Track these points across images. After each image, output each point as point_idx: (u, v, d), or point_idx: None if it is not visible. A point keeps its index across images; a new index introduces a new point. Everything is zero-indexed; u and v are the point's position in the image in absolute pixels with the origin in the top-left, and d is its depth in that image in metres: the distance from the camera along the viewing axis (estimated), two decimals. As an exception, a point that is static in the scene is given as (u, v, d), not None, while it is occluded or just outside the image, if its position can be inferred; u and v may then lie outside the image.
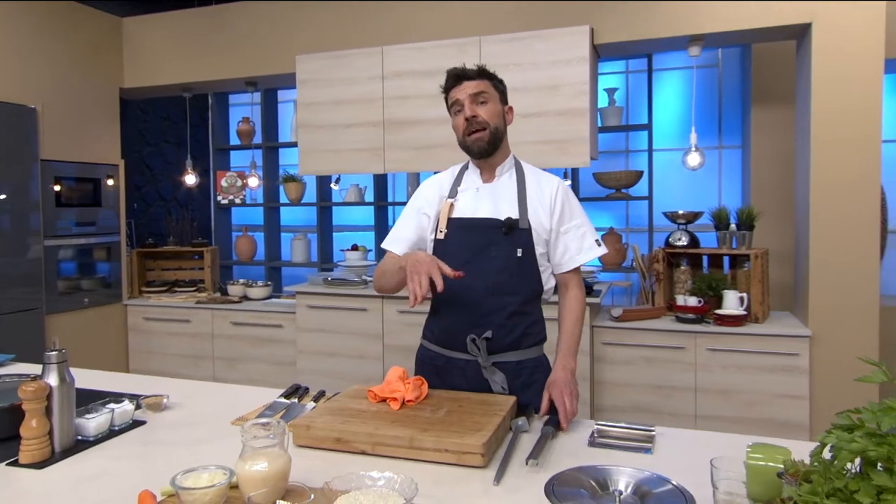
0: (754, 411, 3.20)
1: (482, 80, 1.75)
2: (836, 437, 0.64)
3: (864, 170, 3.04)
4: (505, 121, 1.80)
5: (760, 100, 4.04)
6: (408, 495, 1.07)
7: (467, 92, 1.73)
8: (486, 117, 1.73)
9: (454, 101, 1.77)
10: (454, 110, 1.78)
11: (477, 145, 1.75)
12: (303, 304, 3.87)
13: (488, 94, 1.75)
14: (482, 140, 1.74)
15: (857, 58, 3.02)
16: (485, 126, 1.73)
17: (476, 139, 1.74)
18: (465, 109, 1.73)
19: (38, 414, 1.38)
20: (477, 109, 1.73)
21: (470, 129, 1.73)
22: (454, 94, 1.76)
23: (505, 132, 1.81)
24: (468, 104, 1.73)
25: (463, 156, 1.83)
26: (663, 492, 1.19)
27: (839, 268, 3.12)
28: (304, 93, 3.88)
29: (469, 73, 1.75)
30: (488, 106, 1.74)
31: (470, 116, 1.72)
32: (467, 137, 1.75)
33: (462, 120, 1.74)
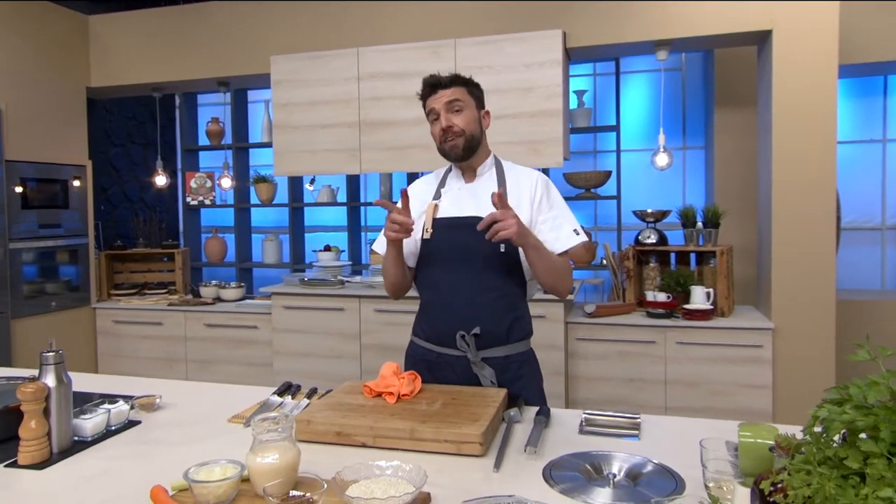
0: (721, 401, 3.33)
1: (457, 88, 1.79)
2: (827, 410, 0.72)
3: (822, 170, 3.20)
4: (482, 125, 1.85)
5: (723, 103, 4.20)
6: (417, 483, 1.11)
7: (442, 101, 1.77)
8: (461, 125, 1.78)
9: (430, 110, 1.81)
10: (430, 118, 1.83)
11: (453, 152, 1.81)
12: (279, 304, 3.87)
13: (463, 101, 1.79)
14: (457, 147, 1.80)
15: (813, 64, 3.17)
16: (460, 133, 1.78)
17: (452, 146, 1.80)
18: (440, 119, 1.78)
19: (37, 415, 1.38)
20: (452, 118, 1.78)
21: (446, 137, 1.78)
22: (430, 104, 1.81)
23: (482, 136, 1.86)
24: (443, 113, 1.78)
25: (441, 158, 1.88)
26: (654, 474, 1.27)
27: (799, 264, 3.27)
28: (279, 94, 3.88)
29: (443, 82, 1.79)
30: (463, 113, 1.79)
31: (445, 127, 1.77)
32: (444, 145, 1.81)
33: (438, 129, 1.79)
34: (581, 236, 1.82)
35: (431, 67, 3.59)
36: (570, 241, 1.82)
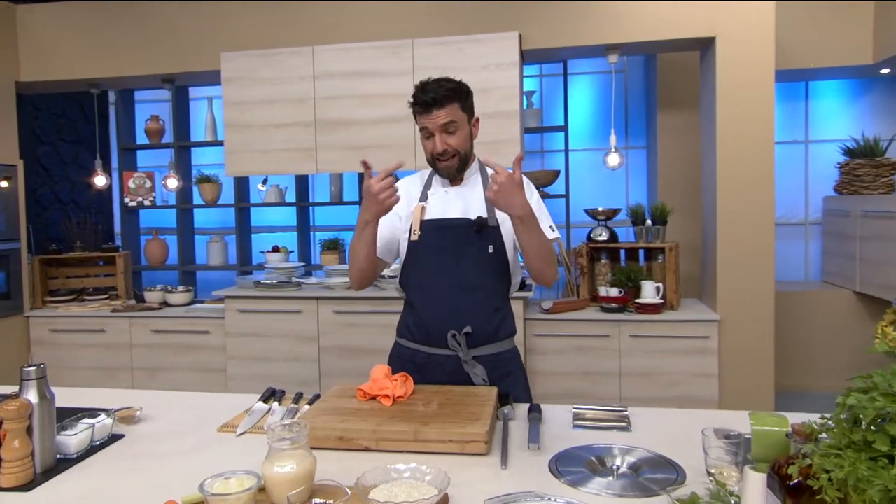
0: (672, 391, 3.49)
1: (451, 107, 1.76)
2: (855, 398, 0.78)
3: (761, 169, 3.40)
4: (472, 138, 1.86)
5: (666, 105, 4.38)
6: (440, 485, 1.13)
7: (437, 123, 1.76)
8: (455, 146, 1.79)
9: (423, 128, 1.80)
10: (424, 134, 1.82)
11: (447, 171, 1.83)
12: (232, 308, 3.76)
13: (457, 121, 1.78)
14: (451, 168, 1.82)
15: (753, 69, 3.37)
16: (455, 154, 1.80)
17: (446, 167, 1.81)
18: (435, 143, 1.78)
19: (20, 434, 1.31)
20: (447, 140, 1.78)
21: (441, 158, 1.80)
22: (423, 122, 1.79)
23: (472, 147, 1.88)
24: (438, 136, 1.77)
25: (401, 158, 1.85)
26: (655, 465, 1.33)
27: (742, 258, 3.46)
28: (230, 91, 3.77)
29: (439, 100, 1.74)
30: (457, 134, 1.79)
31: (441, 151, 1.78)
32: (438, 164, 1.82)
33: (431, 147, 1.80)
34: (556, 233, 1.86)
35: (389, 67, 3.62)
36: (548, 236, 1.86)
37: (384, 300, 3.64)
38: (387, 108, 3.62)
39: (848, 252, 4.43)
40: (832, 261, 4.70)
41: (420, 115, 1.79)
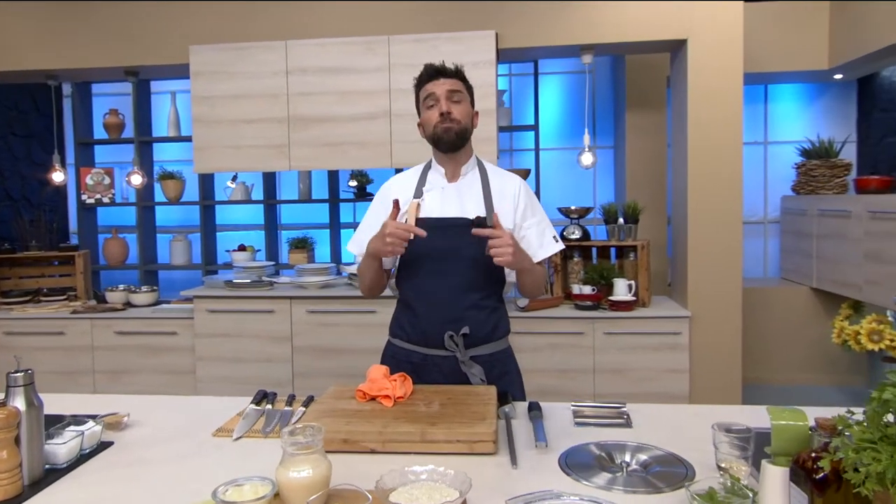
0: (644, 386, 3.55)
1: (458, 81, 1.82)
2: (891, 393, 0.80)
3: (730, 170, 3.49)
4: (472, 122, 1.86)
5: (634, 105, 4.46)
6: (461, 487, 1.11)
7: (444, 88, 1.78)
8: (458, 115, 1.79)
9: (429, 95, 1.80)
10: (427, 104, 1.81)
11: (446, 135, 1.79)
12: (202, 308, 3.66)
13: (462, 94, 1.81)
14: (451, 132, 1.79)
15: (722, 71, 3.46)
16: (458, 122, 1.79)
17: (446, 129, 1.78)
18: (440, 104, 1.78)
19: (8, 444, 1.23)
20: (452, 107, 1.78)
21: (443, 120, 1.78)
22: (430, 88, 1.80)
23: (471, 133, 1.87)
24: (444, 100, 1.78)
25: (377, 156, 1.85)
26: (663, 461, 1.34)
27: (711, 256, 3.55)
28: (199, 86, 3.66)
29: (447, 71, 1.81)
30: (462, 105, 1.80)
31: (445, 112, 1.77)
32: (438, 127, 1.79)
33: (435, 114, 1.79)
34: (560, 243, 1.90)
35: (365, 63, 3.58)
36: (552, 247, 1.89)
37: (359, 300, 3.60)
38: (362, 104, 3.58)
39: (805, 249, 4.59)
40: (790, 258, 4.87)
41: (426, 84, 1.81)
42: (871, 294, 3.84)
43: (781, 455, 1.04)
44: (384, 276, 1.89)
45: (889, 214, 3.63)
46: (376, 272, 1.82)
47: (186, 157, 4.93)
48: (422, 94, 1.83)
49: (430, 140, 1.85)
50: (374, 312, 3.57)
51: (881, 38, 3.86)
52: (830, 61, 4.37)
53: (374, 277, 1.84)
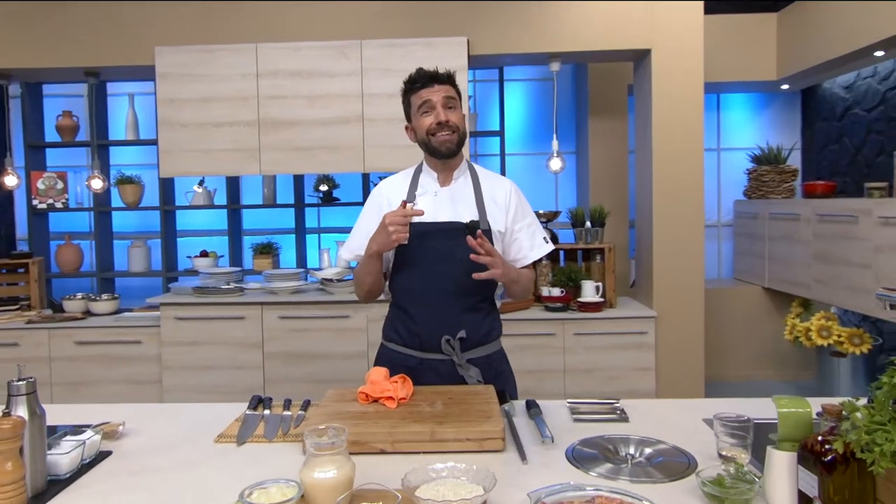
0: (612, 385, 3.65)
1: (451, 87, 1.83)
2: (900, 377, 0.88)
3: (692, 175, 3.64)
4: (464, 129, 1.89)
5: (596, 112, 4.58)
6: (485, 483, 1.14)
7: (440, 95, 1.80)
8: (455, 122, 1.81)
9: (424, 101, 1.81)
10: (422, 110, 1.82)
11: (446, 146, 1.81)
12: (169, 315, 3.57)
13: (456, 101, 1.84)
14: (451, 142, 1.81)
15: (684, 80, 3.60)
16: (455, 129, 1.81)
17: (445, 140, 1.80)
18: (438, 112, 1.79)
19: (13, 455, 1.19)
20: (448, 114, 1.80)
21: (440, 129, 1.80)
22: (425, 95, 1.81)
23: (465, 138, 1.90)
24: (441, 108, 1.80)
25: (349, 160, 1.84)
26: (665, 453, 1.40)
27: (675, 257, 3.69)
28: (165, 88, 3.58)
29: (441, 77, 1.82)
30: (457, 111, 1.83)
31: (444, 121, 1.79)
32: (433, 137, 1.81)
33: (429, 121, 1.80)
34: (550, 245, 1.94)
35: (337, 67, 3.57)
36: (543, 249, 1.93)
37: (332, 304, 3.58)
38: (335, 108, 3.57)
39: (757, 251, 4.81)
40: (743, 259, 5.08)
41: (420, 91, 1.82)
42: (819, 293, 4.05)
43: (786, 441, 1.11)
44: (383, 279, 1.90)
45: (835, 217, 3.84)
46: (377, 274, 1.82)
47: (145, 160, 4.80)
48: (415, 99, 1.84)
49: (423, 146, 1.87)
50: (347, 318, 3.56)
51: (824, 52, 4.09)
52: (779, 72, 4.60)
53: (374, 280, 1.85)
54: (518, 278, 1.84)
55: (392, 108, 3.56)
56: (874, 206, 3.51)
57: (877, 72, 4.32)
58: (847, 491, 0.99)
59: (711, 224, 5.34)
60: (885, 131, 4.24)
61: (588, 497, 1.14)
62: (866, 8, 3.66)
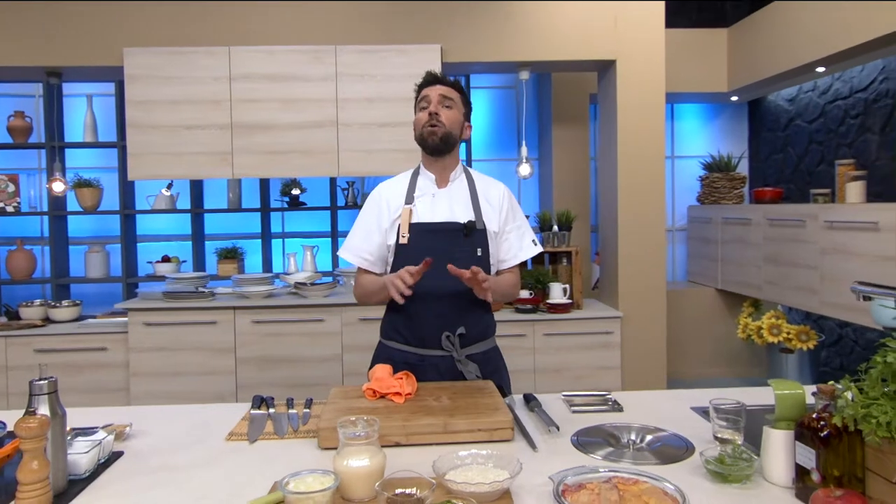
0: (580, 383, 3.78)
1: (453, 90, 1.91)
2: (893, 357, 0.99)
3: (654, 180, 3.81)
4: (461, 130, 1.94)
5: (559, 120, 4.73)
6: (510, 468, 1.20)
7: (437, 92, 1.88)
8: (445, 119, 1.87)
9: (423, 97, 1.90)
10: (420, 106, 1.90)
11: (430, 138, 1.87)
12: (137, 321, 3.50)
13: (454, 101, 1.90)
14: (435, 135, 1.87)
15: (648, 90, 3.77)
16: (443, 125, 1.87)
17: (431, 132, 1.87)
18: (431, 105, 1.87)
19: (39, 454, 1.19)
20: (441, 110, 1.88)
21: (429, 121, 1.87)
22: (426, 91, 1.90)
23: (458, 142, 1.95)
24: (434, 102, 1.87)
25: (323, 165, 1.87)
26: (664, 438, 1.49)
27: (639, 260, 3.85)
28: (134, 90, 3.51)
29: (445, 80, 1.91)
30: (451, 111, 1.89)
31: (433, 112, 1.86)
32: (424, 129, 1.88)
33: (425, 115, 1.87)
34: (538, 247, 2.02)
35: (312, 72, 3.59)
36: (531, 251, 2.01)
37: (306, 308, 3.58)
38: (308, 112, 3.58)
39: (710, 254, 5.05)
40: (696, 262, 5.32)
41: (423, 89, 1.91)
42: (769, 293, 4.30)
43: (782, 420, 1.22)
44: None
45: (784, 222, 4.09)
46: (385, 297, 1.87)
47: (104, 163, 4.68)
48: (418, 97, 1.92)
49: (417, 141, 1.93)
50: (321, 321, 3.57)
51: (771, 67, 4.36)
52: (729, 84, 4.86)
53: (381, 300, 1.93)
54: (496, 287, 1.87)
55: (367, 112, 3.61)
56: (820, 211, 3.76)
57: (817, 86, 4.62)
58: (841, 461, 1.10)
59: (666, 228, 5.57)
60: (825, 142, 4.54)
61: (605, 478, 1.22)
62: (809, 27, 3.92)
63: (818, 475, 1.11)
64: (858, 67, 4.18)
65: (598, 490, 1.16)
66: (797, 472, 1.18)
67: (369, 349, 3.39)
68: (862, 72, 4.18)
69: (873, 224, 3.33)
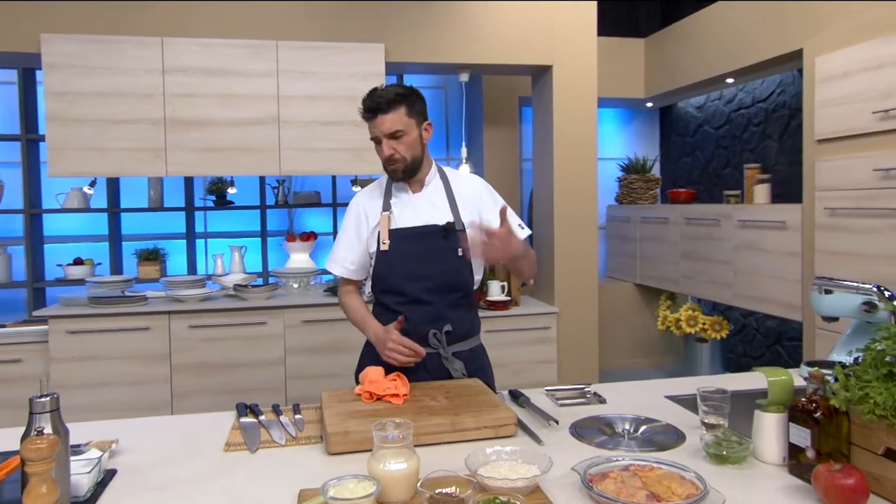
0: (519, 378, 3.89)
1: (397, 113, 1.81)
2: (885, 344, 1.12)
3: (587, 181, 3.99)
4: (422, 142, 1.91)
5: (490, 122, 4.84)
6: (541, 465, 1.25)
7: (382, 129, 1.82)
8: (402, 152, 1.85)
9: (373, 136, 1.87)
10: (374, 142, 1.87)
11: (395, 176, 1.90)
12: (59, 329, 3.24)
13: (404, 128, 1.82)
14: (398, 172, 1.88)
15: (581, 94, 3.94)
16: (402, 160, 1.86)
17: (393, 171, 1.88)
18: (383, 148, 1.84)
19: (47, 477, 1.10)
20: (394, 145, 1.83)
21: (388, 163, 1.87)
22: (371, 129, 1.85)
23: (423, 152, 1.93)
24: (385, 143, 1.83)
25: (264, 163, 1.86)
26: (657, 428, 1.59)
27: (573, 257, 4.02)
28: (54, 79, 3.24)
29: (383, 106, 1.81)
30: (404, 140, 1.84)
31: (388, 156, 1.85)
32: (387, 168, 1.89)
33: (382, 151, 1.86)
34: (526, 230, 2.01)
35: (251, 67, 3.48)
36: (523, 233, 1.98)
37: (246, 311, 3.46)
38: (249, 109, 3.46)
39: (629, 251, 5.35)
40: (615, 259, 5.62)
41: (369, 123, 1.86)
42: (686, 287, 4.62)
43: (773, 404, 1.34)
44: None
45: (700, 220, 4.41)
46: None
47: (4, 158, 4.29)
48: (370, 127, 1.87)
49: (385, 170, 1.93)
50: (263, 324, 3.46)
51: (685, 77, 4.68)
52: (646, 91, 5.16)
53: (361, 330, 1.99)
54: (526, 252, 1.87)
55: (309, 111, 3.53)
56: (733, 211, 4.09)
57: (723, 95, 5.01)
58: (831, 439, 1.23)
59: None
60: (731, 147, 4.93)
61: (621, 466, 1.29)
62: (722, 41, 4.25)
63: (813, 452, 1.24)
64: (759, 80, 4.57)
65: (621, 478, 1.23)
66: (790, 451, 1.30)
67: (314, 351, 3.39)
68: (762, 84, 4.58)
69: (781, 223, 3.67)
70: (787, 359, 4.44)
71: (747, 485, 1.27)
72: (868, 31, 3.05)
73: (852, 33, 3.14)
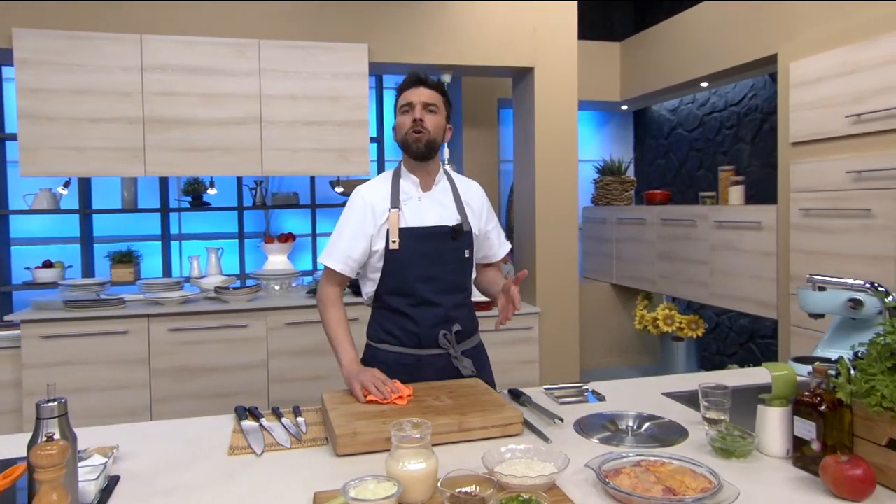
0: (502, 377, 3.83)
1: (437, 94, 1.90)
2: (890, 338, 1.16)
3: (568, 182, 4.03)
4: (444, 135, 1.95)
5: (470, 122, 4.86)
6: (557, 462, 1.26)
7: (422, 97, 1.86)
8: (430, 126, 1.87)
9: (406, 102, 1.87)
10: (402, 110, 1.89)
11: (415, 145, 1.87)
12: (33, 334, 3.14)
13: (438, 107, 1.90)
14: (420, 142, 1.87)
15: (562, 96, 3.98)
16: (428, 132, 1.87)
17: (416, 139, 1.87)
18: (414, 111, 1.86)
19: (58, 485, 1.07)
20: (426, 115, 1.87)
21: (414, 127, 1.86)
22: (409, 96, 1.87)
23: (441, 146, 1.97)
24: (419, 108, 1.86)
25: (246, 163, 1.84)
26: (659, 425, 1.61)
27: (554, 258, 4.05)
28: (26, 76, 3.14)
29: (429, 82, 1.89)
30: (435, 116, 1.89)
31: (418, 118, 1.85)
32: (409, 135, 1.87)
33: (409, 120, 1.86)
34: (508, 244, 2.15)
35: (234, 66, 3.43)
36: (506, 247, 2.12)
37: (227, 314, 3.41)
38: (231, 108, 3.40)
39: (606, 252, 5.42)
40: (592, 259, 5.68)
41: (405, 91, 1.88)
42: (663, 286, 4.70)
43: (777, 399, 1.38)
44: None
45: (676, 221, 4.49)
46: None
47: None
48: (400, 100, 1.90)
49: (400, 144, 1.93)
50: (245, 327, 3.41)
51: (660, 80, 4.77)
52: (622, 94, 5.24)
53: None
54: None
55: (292, 110, 3.49)
56: (709, 212, 4.17)
57: (696, 99, 5.11)
58: (835, 432, 1.27)
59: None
60: (704, 149, 5.04)
61: (632, 462, 1.31)
62: (698, 46, 4.34)
63: (819, 444, 1.27)
64: (732, 84, 4.68)
65: (634, 474, 1.24)
66: (795, 444, 1.34)
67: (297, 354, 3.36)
68: (735, 88, 4.69)
69: (756, 223, 3.76)
70: (759, 356, 4.55)
71: (754, 478, 1.30)
72: (841, 37, 3.15)
73: (826, 39, 3.24)
